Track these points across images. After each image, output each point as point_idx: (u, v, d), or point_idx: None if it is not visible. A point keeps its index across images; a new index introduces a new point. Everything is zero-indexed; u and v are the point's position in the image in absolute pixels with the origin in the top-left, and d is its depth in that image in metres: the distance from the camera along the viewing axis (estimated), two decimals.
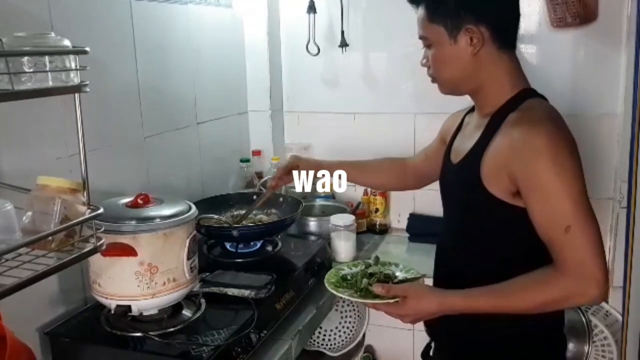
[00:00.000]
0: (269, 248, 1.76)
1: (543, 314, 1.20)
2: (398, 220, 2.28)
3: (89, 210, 1.00)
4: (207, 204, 1.78)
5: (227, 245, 1.73)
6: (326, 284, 1.35)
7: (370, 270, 1.37)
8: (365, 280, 1.32)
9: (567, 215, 1.11)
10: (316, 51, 2.20)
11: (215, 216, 1.68)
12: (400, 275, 1.37)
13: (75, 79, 0.93)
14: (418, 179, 1.66)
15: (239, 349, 1.25)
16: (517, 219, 1.18)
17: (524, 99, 1.23)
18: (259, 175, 2.20)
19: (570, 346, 1.80)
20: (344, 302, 2.06)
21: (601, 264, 1.11)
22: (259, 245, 1.75)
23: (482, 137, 1.24)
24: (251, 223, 1.77)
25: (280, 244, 1.78)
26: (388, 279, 1.35)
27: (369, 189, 2.22)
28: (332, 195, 2.29)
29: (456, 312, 1.23)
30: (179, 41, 1.85)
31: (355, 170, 1.74)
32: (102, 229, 1.03)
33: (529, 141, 1.13)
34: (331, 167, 1.71)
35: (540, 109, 1.21)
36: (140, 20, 1.64)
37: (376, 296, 1.27)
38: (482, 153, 1.21)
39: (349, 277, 1.38)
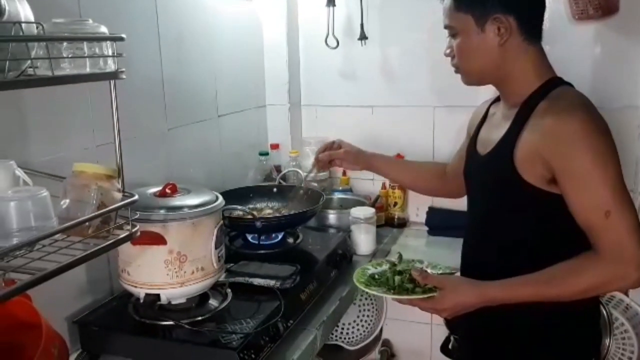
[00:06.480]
0: (290, 240, 1.77)
1: (568, 305, 1.19)
2: (417, 214, 2.27)
3: (124, 197, 1.00)
4: (227, 197, 1.77)
5: (249, 237, 1.73)
6: (357, 283, 1.36)
7: (398, 268, 1.37)
8: (397, 278, 1.32)
9: (606, 200, 1.11)
10: (335, 44, 2.19)
11: (239, 207, 1.68)
12: (429, 270, 1.37)
13: (112, 65, 0.93)
14: (458, 181, 1.49)
15: (267, 338, 1.25)
16: (552, 206, 1.18)
17: (553, 88, 1.23)
18: (278, 168, 2.21)
19: None
20: (362, 295, 2.06)
21: None
22: (280, 237, 1.75)
23: (513, 127, 1.23)
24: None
25: (301, 236, 1.78)
26: None
27: (387, 182, 2.22)
28: (350, 189, 2.29)
29: (496, 303, 1.21)
30: (199, 34, 1.85)
31: (397, 166, 1.75)
32: (137, 216, 1.03)
33: (563, 128, 1.13)
34: (373, 157, 1.71)
35: (571, 96, 1.21)
36: (164, 13, 1.64)
37: (410, 292, 1.27)
38: (514, 142, 1.21)
39: (377, 275, 1.39)
